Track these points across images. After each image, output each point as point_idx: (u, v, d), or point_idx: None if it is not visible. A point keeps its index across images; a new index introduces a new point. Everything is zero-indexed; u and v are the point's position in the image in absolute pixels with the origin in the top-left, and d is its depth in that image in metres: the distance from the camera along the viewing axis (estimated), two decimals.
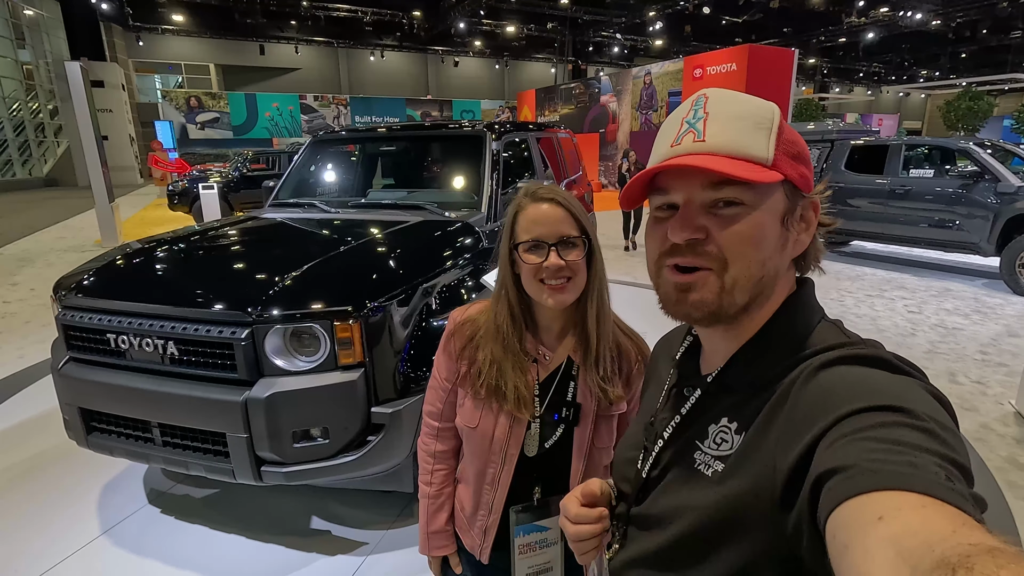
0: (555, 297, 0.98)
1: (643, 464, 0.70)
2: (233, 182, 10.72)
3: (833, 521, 0.40)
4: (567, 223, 0.99)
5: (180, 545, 2.26)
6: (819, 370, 0.53)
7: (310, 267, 2.18)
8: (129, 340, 2.07)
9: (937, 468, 0.40)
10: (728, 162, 0.57)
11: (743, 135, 0.58)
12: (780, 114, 0.61)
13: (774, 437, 0.53)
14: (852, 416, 0.46)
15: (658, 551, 0.63)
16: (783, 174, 0.59)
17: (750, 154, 0.58)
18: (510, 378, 1.01)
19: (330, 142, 4.00)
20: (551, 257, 0.97)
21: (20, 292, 6.18)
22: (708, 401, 0.65)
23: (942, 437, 0.43)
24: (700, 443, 0.62)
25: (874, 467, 0.40)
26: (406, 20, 25.66)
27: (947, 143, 7.28)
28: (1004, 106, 31.33)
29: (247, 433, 1.92)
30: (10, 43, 19.28)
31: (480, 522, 1.08)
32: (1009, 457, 2.94)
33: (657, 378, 0.79)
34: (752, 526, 0.53)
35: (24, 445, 3.03)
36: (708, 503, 0.57)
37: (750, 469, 0.54)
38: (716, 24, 24.01)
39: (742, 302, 0.59)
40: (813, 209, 0.62)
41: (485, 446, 1.04)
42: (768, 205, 0.58)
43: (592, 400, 1.03)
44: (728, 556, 0.55)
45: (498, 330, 1.03)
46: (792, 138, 0.61)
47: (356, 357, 1.98)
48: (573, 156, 5.17)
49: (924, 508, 0.37)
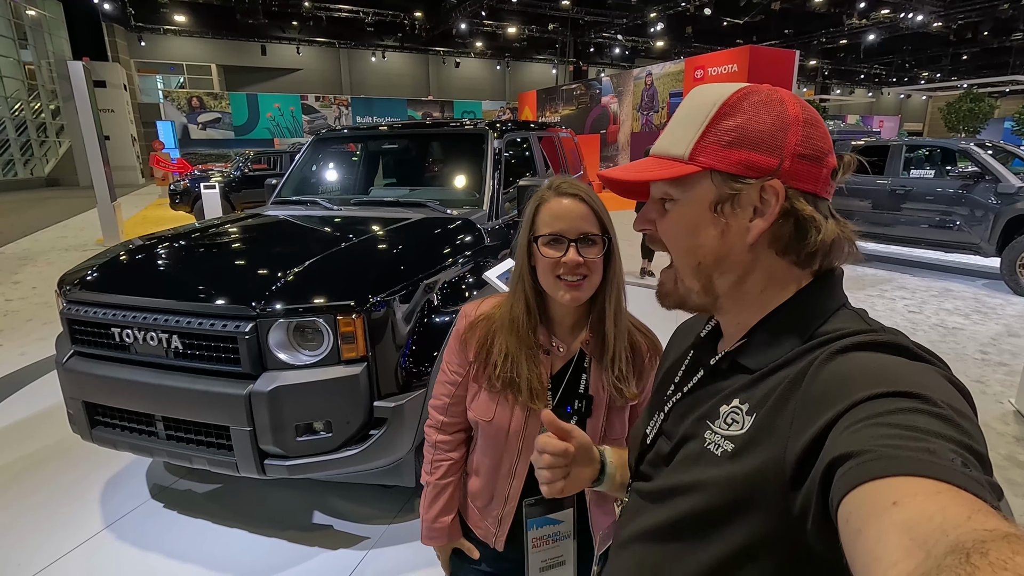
0: (570, 294, 0.97)
1: (651, 430, 0.73)
2: (234, 182, 10.75)
3: (846, 505, 0.40)
4: (589, 220, 0.98)
5: (183, 539, 2.27)
6: (836, 355, 0.53)
7: (313, 262, 2.19)
8: (133, 334, 2.08)
9: (953, 455, 0.40)
10: (646, 165, 0.65)
11: (672, 135, 0.64)
12: (732, 100, 0.60)
13: (787, 419, 0.53)
14: (868, 401, 0.46)
15: (663, 526, 0.64)
16: (702, 165, 0.60)
17: (669, 153, 0.63)
18: (524, 370, 1.00)
19: (332, 140, 4.02)
20: (570, 253, 0.96)
21: (22, 290, 6.20)
22: (719, 381, 0.66)
23: (959, 424, 0.43)
24: (711, 423, 0.62)
25: (889, 452, 0.40)
26: (407, 21, 25.70)
27: (948, 144, 7.29)
28: (1005, 108, 31.30)
29: (251, 426, 1.93)
30: (12, 43, 19.32)
31: (495, 512, 1.08)
32: (1009, 455, 2.95)
33: (674, 358, 0.80)
34: (758, 507, 0.53)
35: (27, 441, 3.04)
36: (716, 482, 0.57)
37: (761, 450, 0.54)
38: (717, 25, 24.03)
39: (696, 287, 0.65)
40: (773, 193, 0.58)
41: (501, 439, 1.04)
42: (692, 196, 0.62)
43: (604, 392, 1.03)
44: (732, 535, 0.56)
45: (513, 322, 1.03)
46: (734, 124, 0.59)
47: (359, 351, 1.99)
48: (574, 155, 5.18)
49: (939, 494, 0.37)
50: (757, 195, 0.59)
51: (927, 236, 6.73)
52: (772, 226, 0.59)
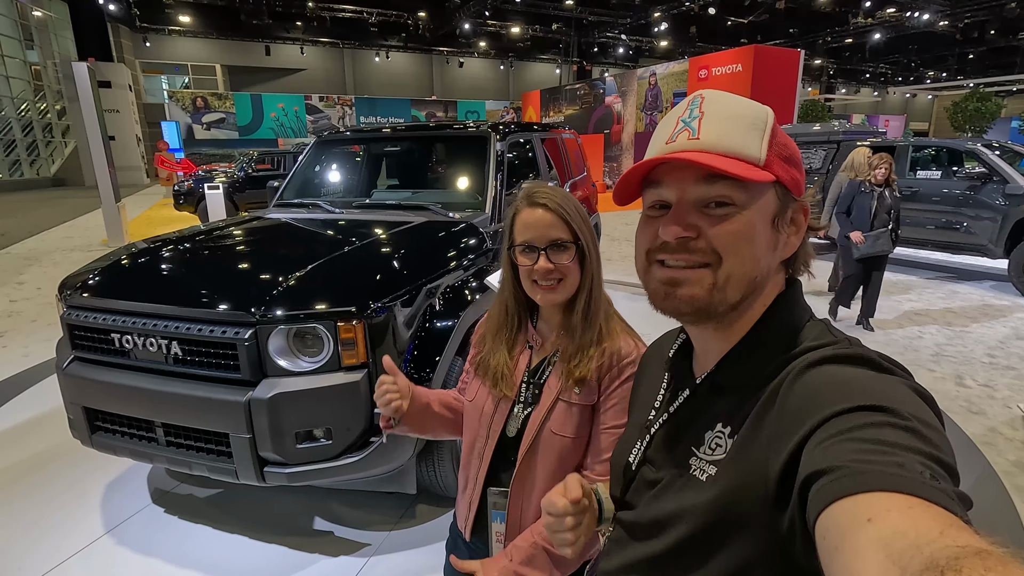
0: (545, 296, 1.04)
1: (634, 459, 0.71)
2: (238, 182, 10.78)
3: (822, 522, 0.41)
4: (558, 227, 1.02)
5: (183, 545, 2.26)
6: (805, 370, 0.54)
7: (314, 267, 2.18)
8: (133, 340, 2.07)
9: (922, 467, 0.41)
10: (722, 159, 0.58)
11: (737, 134, 0.59)
12: (774, 117, 0.62)
13: (764, 438, 0.53)
14: (838, 416, 0.47)
15: (654, 557, 0.63)
16: (775, 175, 0.59)
17: (743, 153, 0.58)
18: (493, 359, 1.10)
19: (335, 142, 4.01)
20: (540, 261, 1.02)
21: (26, 291, 6.22)
22: (702, 405, 0.65)
23: (925, 435, 0.44)
24: (696, 450, 0.62)
25: (861, 468, 0.41)
26: (411, 21, 25.71)
27: (955, 144, 7.23)
28: (1012, 107, 31.13)
29: (250, 434, 1.91)
30: (18, 44, 19.43)
31: (468, 494, 1.15)
32: (1017, 461, 2.91)
33: (649, 381, 0.78)
34: (745, 527, 0.53)
35: (29, 443, 3.04)
36: (703, 507, 0.57)
37: (741, 469, 0.55)
38: (721, 25, 23.97)
39: (733, 299, 0.60)
40: (803, 213, 0.63)
41: (475, 419, 1.13)
42: (759, 205, 0.59)
43: (557, 384, 1.05)
44: (724, 558, 0.55)
45: (494, 318, 1.15)
46: (785, 141, 0.62)
47: (359, 358, 1.97)
48: (578, 156, 5.16)
49: (911, 509, 0.37)
50: (798, 213, 0.63)
51: (933, 238, 6.67)
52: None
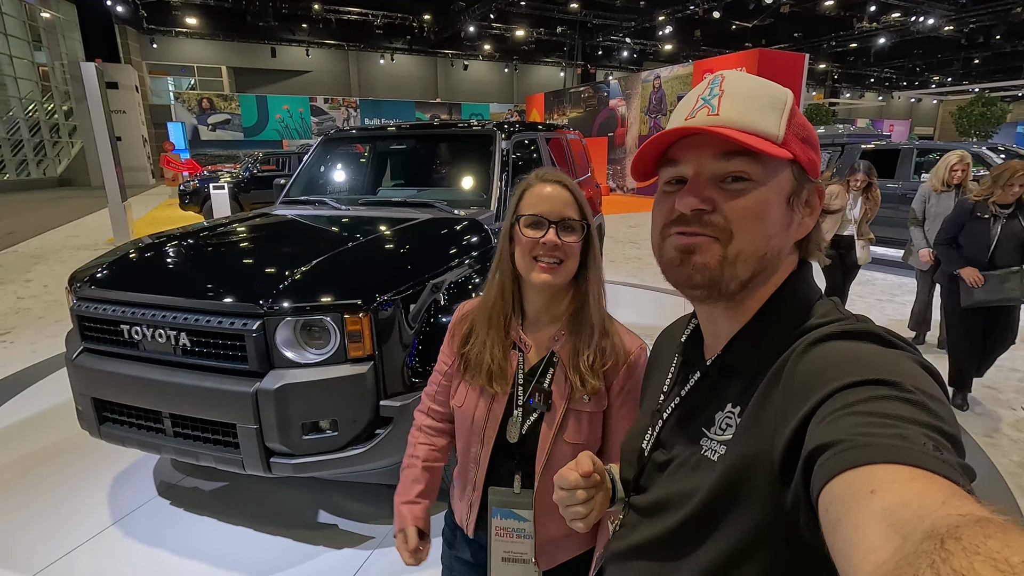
0: (544, 275, 1.00)
1: (647, 444, 0.71)
2: (243, 182, 10.82)
3: (826, 495, 0.41)
4: (570, 207, 1.02)
5: (189, 536, 2.28)
6: (811, 346, 0.54)
7: (320, 261, 2.20)
8: (142, 331, 2.09)
9: (925, 439, 0.41)
10: (740, 133, 0.58)
11: (756, 112, 0.60)
12: (793, 99, 0.62)
13: (771, 414, 0.54)
14: (843, 391, 0.47)
15: (663, 536, 0.63)
16: (792, 154, 0.60)
17: (761, 130, 0.59)
18: (487, 353, 1.04)
19: (341, 141, 4.04)
20: (549, 234, 1.00)
21: (33, 288, 6.26)
22: (713, 386, 0.65)
23: (930, 407, 0.44)
24: (707, 430, 0.62)
25: (865, 441, 0.41)
26: (416, 23, 25.80)
27: (960, 148, 7.21)
28: (1017, 112, 31.06)
29: (257, 424, 1.93)
30: (27, 45, 19.58)
31: (467, 496, 1.12)
32: (1021, 462, 2.91)
33: (660, 367, 0.79)
34: (751, 502, 0.54)
35: (36, 437, 3.07)
36: (711, 484, 0.57)
37: (748, 446, 0.55)
38: (726, 28, 23.96)
39: (744, 276, 0.60)
40: (818, 195, 0.63)
41: (467, 425, 1.09)
42: (775, 183, 0.60)
43: (565, 389, 1.03)
44: (728, 533, 0.56)
45: (486, 306, 1.08)
46: (803, 122, 0.62)
47: (365, 350, 1.99)
48: (582, 157, 5.17)
49: (914, 480, 0.37)
50: (813, 195, 0.63)
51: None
52: None
